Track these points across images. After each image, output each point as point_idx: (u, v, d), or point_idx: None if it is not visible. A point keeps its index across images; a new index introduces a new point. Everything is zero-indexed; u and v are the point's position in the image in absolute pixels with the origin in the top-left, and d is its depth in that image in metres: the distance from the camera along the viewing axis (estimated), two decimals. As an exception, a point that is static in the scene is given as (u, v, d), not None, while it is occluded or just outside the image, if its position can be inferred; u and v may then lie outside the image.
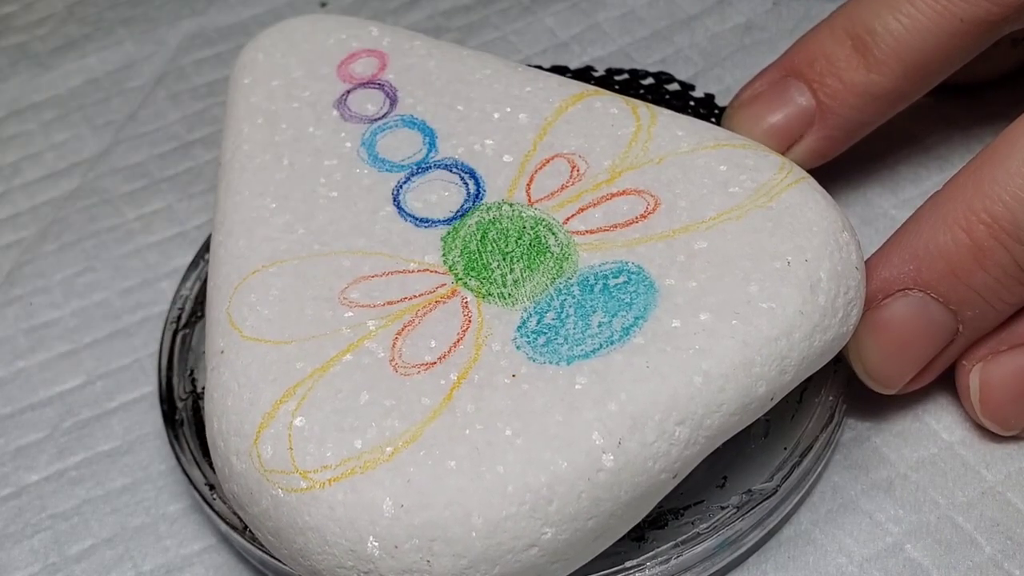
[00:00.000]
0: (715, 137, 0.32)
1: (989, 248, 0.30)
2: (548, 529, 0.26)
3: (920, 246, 0.30)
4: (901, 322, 0.31)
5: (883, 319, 0.31)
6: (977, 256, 0.30)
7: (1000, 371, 0.31)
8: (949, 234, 0.30)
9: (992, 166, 0.30)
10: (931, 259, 0.30)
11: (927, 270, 0.30)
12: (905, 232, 0.31)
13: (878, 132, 0.36)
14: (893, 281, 0.31)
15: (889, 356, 0.31)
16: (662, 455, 0.27)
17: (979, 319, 0.31)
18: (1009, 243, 0.30)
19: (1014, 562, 0.30)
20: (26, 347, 0.38)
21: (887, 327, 0.31)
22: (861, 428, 0.33)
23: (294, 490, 0.27)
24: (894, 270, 0.31)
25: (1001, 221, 0.29)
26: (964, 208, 0.30)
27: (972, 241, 0.30)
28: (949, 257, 0.30)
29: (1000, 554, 0.30)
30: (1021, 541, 0.31)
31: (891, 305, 0.31)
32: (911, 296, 0.30)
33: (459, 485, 0.26)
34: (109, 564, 0.33)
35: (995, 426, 0.32)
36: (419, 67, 0.35)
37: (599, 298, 0.29)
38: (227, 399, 0.29)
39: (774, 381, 0.28)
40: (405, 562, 0.26)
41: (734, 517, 0.30)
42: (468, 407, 0.27)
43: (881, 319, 0.31)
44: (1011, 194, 0.29)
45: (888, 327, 0.31)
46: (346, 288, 0.30)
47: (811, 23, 0.36)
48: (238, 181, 0.33)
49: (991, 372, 0.31)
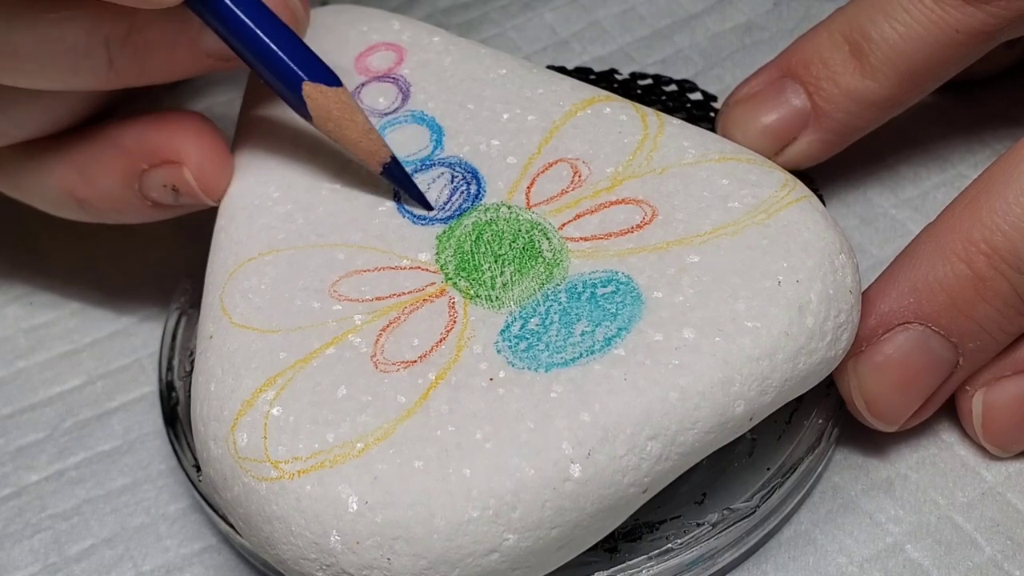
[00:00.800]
0: (721, 150, 0.32)
1: (990, 279, 0.29)
2: (510, 535, 0.26)
3: (919, 278, 0.30)
4: (903, 357, 0.30)
5: (885, 355, 0.30)
6: (978, 287, 0.29)
7: (1003, 396, 0.31)
8: (948, 265, 0.30)
9: (989, 195, 0.29)
10: (931, 291, 0.30)
11: (927, 303, 0.30)
12: (902, 264, 0.30)
13: (878, 132, 0.36)
14: (893, 315, 0.30)
15: (892, 392, 0.31)
16: (632, 469, 0.27)
17: (980, 351, 0.30)
18: (1009, 273, 0.29)
19: (1014, 563, 0.30)
20: (26, 347, 0.38)
21: (889, 363, 0.30)
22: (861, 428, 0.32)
23: (264, 479, 0.27)
24: (893, 303, 0.30)
25: (1001, 251, 0.29)
26: (963, 239, 0.29)
27: (972, 272, 0.29)
28: (950, 289, 0.30)
29: (1000, 555, 0.30)
30: (1021, 542, 0.30)
31: (892, 340, 0.30)
32: (912, 330, 0.30)
33: (424, 485, 0.26)
34: (109, 564, 0.33)
35: (997, 449, 0.32)
36: (435, 63, 0.35)
37: (585, 306, 0.29)
38: (210, 384, 0.29)
39: (753, 401, 0.28)
40: (366, 558, 0.26)
41: (709, 534, 0.29)
42: (442, 408, 0.27)
43: (883, 355, 0.30)
44: (1010, 223, 0.29)
45: (890, 363, 0.30)
46: (337, 281, 0.30)
47: (811, 23, 0.36)
48: (244, 168, 0.33)
49: (994, 397, 0.31)
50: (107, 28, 0.30)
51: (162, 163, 0.32)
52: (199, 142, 0.32)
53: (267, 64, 0.30)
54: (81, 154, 0.33)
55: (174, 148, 0.32)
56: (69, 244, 0.40)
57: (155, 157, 0.32)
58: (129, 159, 0.32)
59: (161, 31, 0.31)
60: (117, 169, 0.33)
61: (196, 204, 0.33)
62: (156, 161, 0.32)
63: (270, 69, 0.30)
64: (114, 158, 0.33)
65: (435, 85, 0.34)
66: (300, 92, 0.30)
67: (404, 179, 0.32)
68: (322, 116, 0.31)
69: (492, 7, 0.46)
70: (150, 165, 0.32)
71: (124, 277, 0.39)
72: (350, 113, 0.31)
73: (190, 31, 0.31)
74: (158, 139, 0.32)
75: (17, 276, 0.40)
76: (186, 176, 0.32)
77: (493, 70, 0.34)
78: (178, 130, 0.33)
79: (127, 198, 0.33)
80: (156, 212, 0.34)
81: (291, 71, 0.30)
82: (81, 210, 0.34)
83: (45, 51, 0.30)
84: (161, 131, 0.33)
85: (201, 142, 0.32)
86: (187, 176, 0.32)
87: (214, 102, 0.43)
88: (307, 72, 0.30)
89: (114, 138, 0.33)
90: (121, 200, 0.33)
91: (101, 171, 0.33)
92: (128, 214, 0.34)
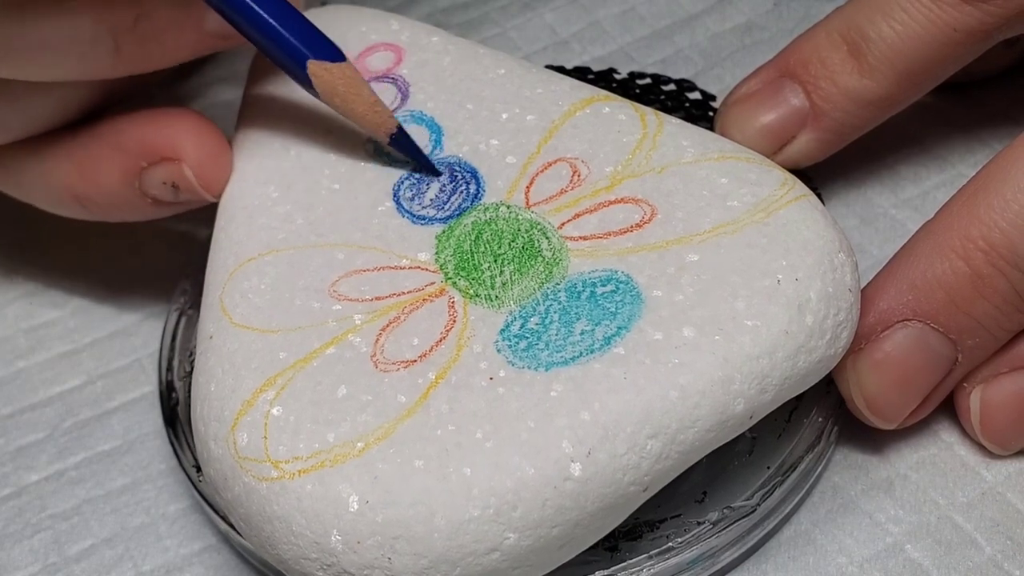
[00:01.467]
0: (720, 149, 0.32)
1: (988, 276, 0.29)
2: (511, 534, 0.26)
3: (917, 276, 0.30)
4: (902, 354, 0.30)
5: (884, 352, 0.30)
6: (976, 284, 0.29)
7: (1001, 393, 0.31)
8: (947, 263, 0.30)
9: (987, 193, 0.29)
10: (929, 289, 0.30)
11: (926, 300, 0.30)
12: (900, 261, 0.31)
13: (878, 132, 0.36)
14: (891, 312, 0.30)
15: (891, 390, 0.31)
16: (632, 467, 0.27)
17: (978, 348, 0.30)
18: (1007, 270, 0.29)
19: (1014, 563, 0.30)
20: (26, 347, 0.38)
21: (888, 360, 0.30)
22: (861, 427, 0.32)
23: (265, 479, 0.27)
24: (891, 301, 0.30)
25: (999, 248, 0.29)
26: (961, 236, 0.29)
27: (971, 269, 0.29)
28: (948, 286, 0.30)
29: (1000, 555, 0.30)
30: (1021, 542, 0.31)
31: (891, 337, 0.30)
32: (910, 327, 0.30)
33: (425, 485, 0.26)
34: (109, 564, 0.33)
35: (995, 447, 0.32)
36: (434, 63, 0.35)
37: (585, 306, 0.29)
38: (211, 384, 0.29)
39: (753, 400, 0.28)
40: (367, 558, 0.26)
41: (710, 533, 0.29)
42: (443, 407, 0.27)
43: (882, 352, 0.30)
44: (1008, 220, 0.29)
45: (889, 360, 0.30)
46: (337, 281, 0.30)
47: (811, 23, 0.36)
48: (244, 168, 0.33)
49: (991, 394, 0.31)
50: (114, 16, 0.30)
51: (161, 160, 0.32)
52: (197, 138, 0.32)
53: (272, 44, 0.31)
54: (80, 153, 0.33)
55: (173, 145, 0.32)
56: (69, 244, 0.40)
57: (154, 154, 0.32)
58: (128, 157, 0.33)
59: (167, 16, 0.31)
60: (116, 167, 0.33)
61: (196, 201, 0.33)
62: (155, 159, 0.32)
63: (275, 49, 0.31)
64: (113, 156, 0.33)
65: (434, 85, 0.34)
66: (306, 70, 0.31)
67: (412, 148, 0.32)
68: (328, 92, 0.31)
69: (492, 7, 0.46)
70: (149, 163, 0.32)
71: (124, 277, 0.39)
72: (356, 87, 0.31)
73: (195, 14, 0.31)
74: (157, 137, 0.32)
75: (17, 276, 0.40)
76: (186, 173, 0.32)
77: (492, 70, 0.34)
78: (176, 127, 0.33)
79: (127, 196, 0.33)
80: (156, 209, 0.34)
81: (296, 50, 0.31)
82: (81, 208, 0.34)
83: (53, 43, 0.30)
84: (160, 128, 0.33)
85: (199, 138, 0.33)
86: (187, 173, 0.32)
87: (214, 102, 0.43)
88: (311, 50, 0.31)
89: (113, 137, 0.33)
90: (121, 198, 0.33)
91: (100, 170, 0.33)
92: (128, 212, 0.34)
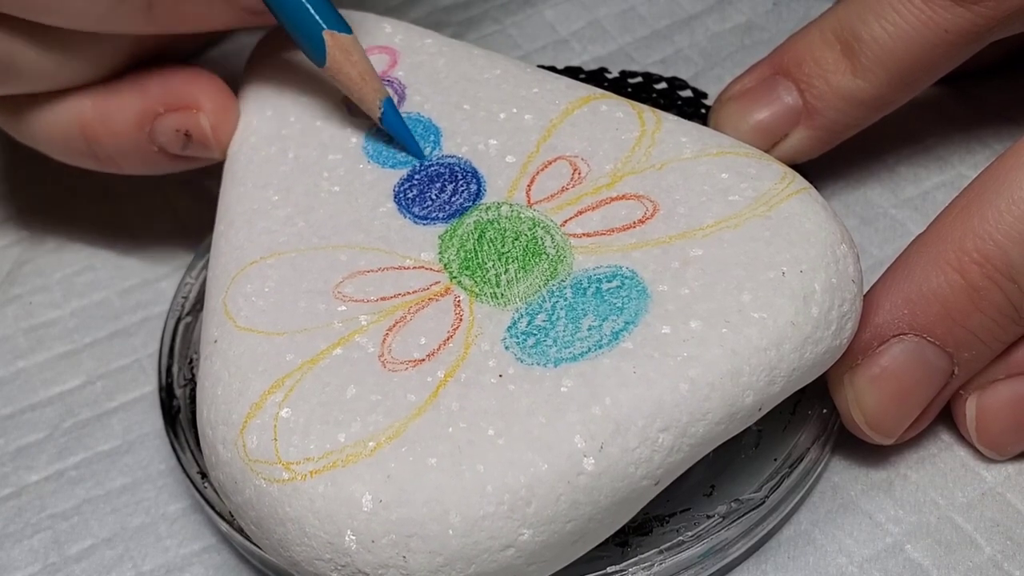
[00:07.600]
0: (719, 144, 0.32)
1: (984, 288, 0.29)
2: (525, 530, 0.26)
3: (913, 289, 0.30)
4: (900, 369, 0.30)
5: (881, 367, 0.30)
6: (972, 297, 0.29)
7: (997, 400, 0.31)
8: (942, 276, 0.29)
9: (981, 204, 0.29)
10: (925, 302, 0.30)
11: (922, 314, 0.30)
12: (895, 274, 0.30)
13: (878, 132, 0.36)
14: (887, 326, 0.30)
15: (890, 405, 0.30)
16: (644, 461, 0.27)
17: (975, 359, 0.30)
18: (1003, 282, 0.29)
19: (1014, 563, 0.30)
20: (26, 347, 0.38)
21: (886, 375, 0.30)
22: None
23: (276, 481, 0.27)
24: (887, 315, 0.30)
25: (994, 260, 0.29)
26: (955, 248, 0.29)
27: (966, 282, 0.29)
28: (944, 300, 0.30)
29: (1000, 555, 0.30)
30: (1021, 542, 0.31)
31: (888, 352, 0.30)
32: (907, 341, 0.30)
33: (438, 482, 0.26)
34: (109, 564, 0.33)
35: (992, 452, 0.32)
36: (429, 65, 0.35)
37: (591, 302, 0.29)
38: (217, 388, 0.29)
39: (762, 392, 0.28)
40: (381, 557, 0.26)
41: (720, 526, 0.29)
42: (453, 405, 0.27)
43: (879, 367, 0.30)
44: (1003, 232, 0.29)
45: (887, 375, 0.30)
46: (341, 282, 0.30)
47: (810, 24, 0.36)
48: (243, 172, 0.33)
49: (987, 401, 0.31)
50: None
51: (179, 108, 0.34)
52: (214, 94, 0.34)
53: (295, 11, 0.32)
54: (101, 89, 0.34)
55: (193, 96, 0.34)
56: (69, 243, 0.40)
57: (175, 101, 0.34)
58: (148, 99, 0.34)
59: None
60: (134, 108, 0.34)
61: (201, 156, 0.34)
62: (174, 106, 0.34)
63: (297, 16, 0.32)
64: (133, 96, 0.34)
65: (430, 87, 0.34)
66: (321, 39, 0.32)
67: (399, 125, 0.33)
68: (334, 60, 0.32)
69: (492, 5, 0.46)
70: (167, 109, 0.34)
71: (124, 277, 0.39)
72: (356, 55, 0.32)
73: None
74: (180, 85, 0.34)
75: (17, 276, 0.40)
76: (202, 122, 0.34)
77: (487, 71, 0.35)
78: (197, 81, 0.34)
79: (136, 140, 0.34)
80: (158, 161, 0.35)
81: (313, 20, 0.32)
82: (86, 150, 0.35)
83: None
84: (183, 79, 0.34)
85: (215, 93, 0.34)
86: (203, 122, 0.34)
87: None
88: (326, 21, 0.32)
89: (136, 79, 0.34)
90: (129, 142, 0.34)
91: (117, 107, 0.34)
92: (130, 160, 0.35)
